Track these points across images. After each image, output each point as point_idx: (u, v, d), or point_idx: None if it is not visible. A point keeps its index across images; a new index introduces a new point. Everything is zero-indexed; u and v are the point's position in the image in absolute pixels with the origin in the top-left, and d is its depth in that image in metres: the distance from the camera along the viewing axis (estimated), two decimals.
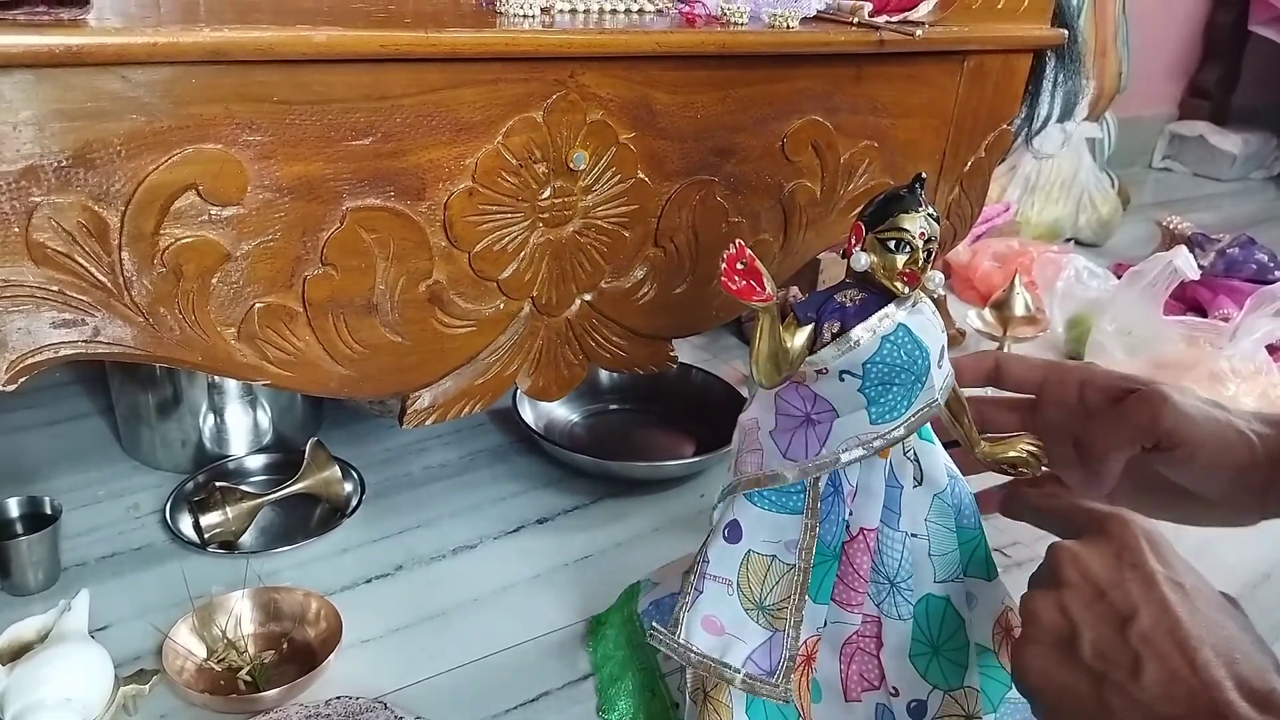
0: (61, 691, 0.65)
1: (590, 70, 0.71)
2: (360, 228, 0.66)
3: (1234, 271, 1.57)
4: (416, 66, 0.64)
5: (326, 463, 0.94)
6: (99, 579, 0.82)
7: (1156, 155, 2.64)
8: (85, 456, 1.00)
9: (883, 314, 0.53)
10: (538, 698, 0.74)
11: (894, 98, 0.88)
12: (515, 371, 0.80)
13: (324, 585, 0.82)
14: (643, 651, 0.73)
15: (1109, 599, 0.44)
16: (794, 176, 0.87)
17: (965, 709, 0.60)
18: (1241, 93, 2.67)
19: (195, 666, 0.73)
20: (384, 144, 0.65)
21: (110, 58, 0.53)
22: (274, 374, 0.68)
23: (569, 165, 0.73)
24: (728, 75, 0.78)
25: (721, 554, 0.61)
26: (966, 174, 0.99)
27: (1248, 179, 2.59)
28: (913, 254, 0.52)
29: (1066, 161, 1.87)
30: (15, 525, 0.82)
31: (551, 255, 0.76)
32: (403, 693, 0.73)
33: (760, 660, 0.60)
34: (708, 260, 0.84)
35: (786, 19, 0.79)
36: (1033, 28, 0.93)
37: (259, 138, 0.60)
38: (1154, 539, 0.47)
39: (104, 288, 0.59)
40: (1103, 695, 0.42)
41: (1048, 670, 0.45)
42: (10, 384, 0.59)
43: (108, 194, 0.57)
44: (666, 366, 0.89)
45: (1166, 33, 2.51)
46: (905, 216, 0.51)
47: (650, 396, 1.14)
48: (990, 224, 1.68)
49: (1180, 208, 2.15)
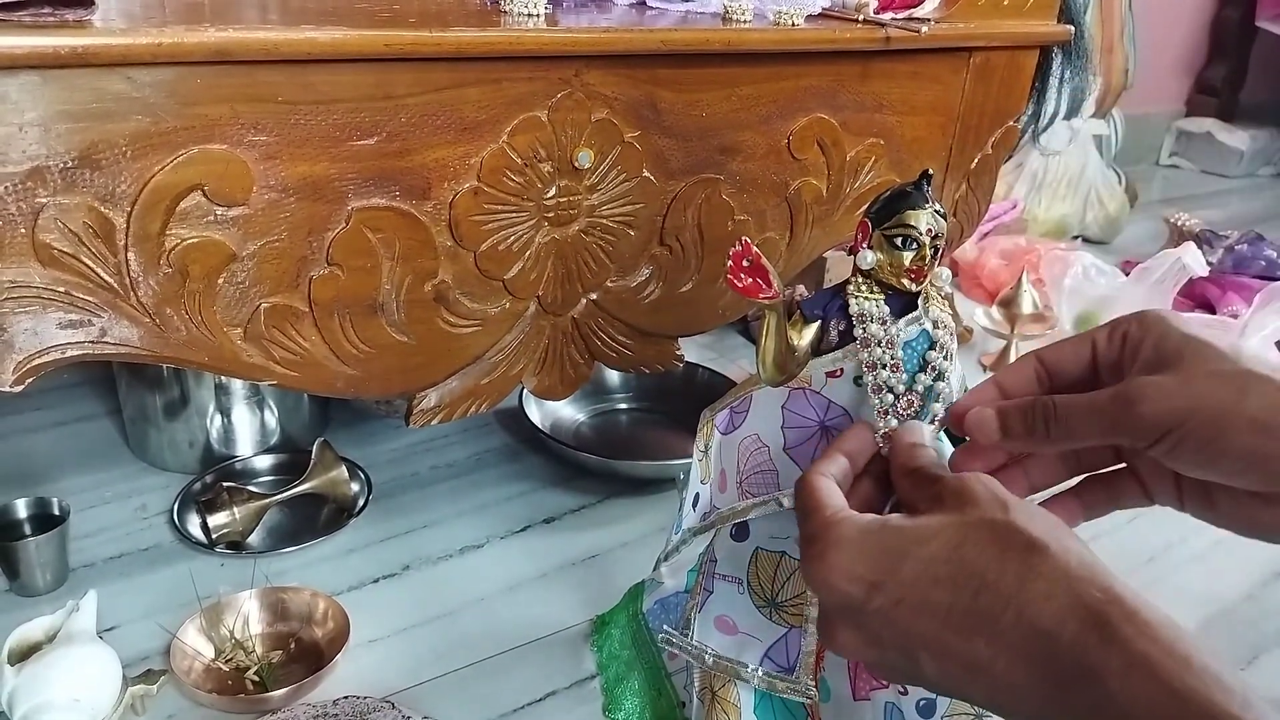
0: (70, 692, 0.65)
1: (595, 69, 0.71)
2: (366, 228, 0.66)
3: (1242, 268, 1.57)
4: (421, 66, 0.64)
5: (333, 463, 0.94)
6: (107, 580, 0.82)
7: (1164, 152, 2.64)
8: (93, 458, 1.00)
9: (910, 318, 0.52)
10: (544, 697, 0.74)
11: (900, 95, 0.88)
12: (521, 371, 0.80)
13: (331, 585, 0.82)
14: (648, 651, 0.73)
15: (891, 663, 0.41)
16: (800, 174, 0.86)
17: (974, 708, 0.59)
18: (1249, 89, 2.66)
19: (203, 667, 0.73)
20: (389, 144, 0.65)
21: (115, 58, 0.53)
22: (280, 374, 0.68)
23: (574, 164, 0.73)
24: (733, 73, 0.78)
25: (730, 553, 0.61)
26: (973, 171, 0.99)
27: (1255, 175, 2.59)
28: (920, 251, 0.51)
29: (1074, 158, 1.86)
30: (23, 526, 0.83)
31: (557, 254, 0.76)
32: (410, 692, 0.73)
33: (777, 657, 0.60)
34: (713, 258, 0.84)
35: (792, 16, 0.79)
36: (1039, 24, 0.93)
37: (264, 138, 0.60)
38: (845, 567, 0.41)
39: (110, 288, 0.59)
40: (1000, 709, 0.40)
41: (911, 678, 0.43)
42: (18, 385, 0.59)
43: (113, 195, 0.57)
44: (672, 365, 0.89)
45: (1173, 29, 2.50)
46: (912, 213, 0.51)
47: (656, 395, 1.14)
48: (997, 221, 1.68)
49: (1188, 204, 2.14)
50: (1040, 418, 0.46)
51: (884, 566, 0.40)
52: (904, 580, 0.39)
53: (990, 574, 0.38)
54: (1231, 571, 0.94)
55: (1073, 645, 0.35)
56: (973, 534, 0.39)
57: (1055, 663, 0.36)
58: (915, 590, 0.39)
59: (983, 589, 0.38)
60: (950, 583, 0.38)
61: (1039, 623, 0.36)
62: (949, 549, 0.39)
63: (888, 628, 0.40)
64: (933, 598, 0.39)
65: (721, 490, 0.63)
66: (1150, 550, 0.96)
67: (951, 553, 0.39)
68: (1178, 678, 0.34)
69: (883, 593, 0.39)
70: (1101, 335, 0.48)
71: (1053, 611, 0.36)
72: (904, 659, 0.40)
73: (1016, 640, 0.37)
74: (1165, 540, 0.98)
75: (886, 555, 0.40)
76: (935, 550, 0.39)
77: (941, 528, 0.40)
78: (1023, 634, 0.36)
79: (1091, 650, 0.35)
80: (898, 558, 0.40)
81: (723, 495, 0.62)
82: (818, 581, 0.42)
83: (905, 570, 0.39)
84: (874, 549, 0.41)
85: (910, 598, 0.39)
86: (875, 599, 0.40)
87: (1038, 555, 0.38)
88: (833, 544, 0.41)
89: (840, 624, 0.42)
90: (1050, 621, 0.36)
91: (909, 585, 0.39)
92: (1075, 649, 0.35)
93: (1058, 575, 0.37)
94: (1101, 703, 0.34)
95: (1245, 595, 0.91)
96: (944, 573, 0.39)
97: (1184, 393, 0.42)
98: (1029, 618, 0.36)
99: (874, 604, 0.40)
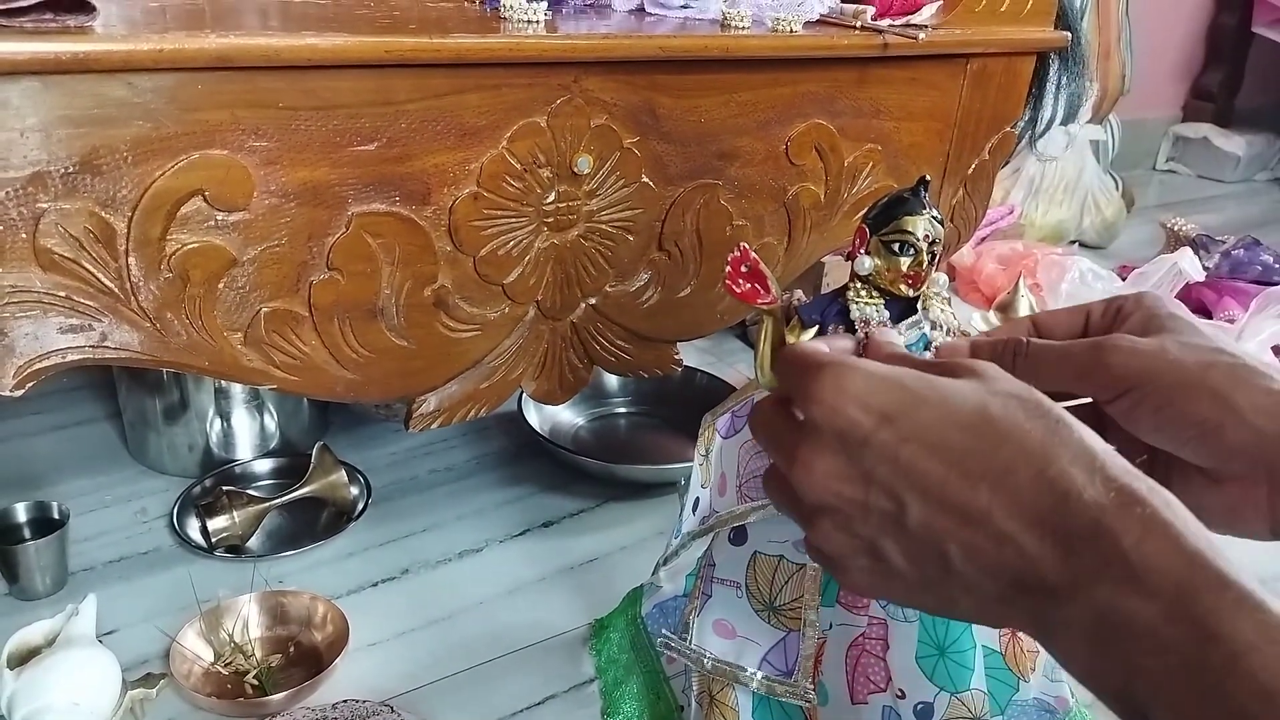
0: (69, 696, 0.65)
1: (594, 75, 0.71)
2: (366, 233, 0.66)
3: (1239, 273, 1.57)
4: (421, 72, 0.64)
5: (333, 467, 0.94)
6: (106, 583, 0.82)
7: (1160, 157, 2.64)
8: (93, 461, 1.00)
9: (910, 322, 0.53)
10: (543, 701, 0.74)
11: (897, 101, 0.89)
12: (520, 375, 0.80)
13: (330, 589, 0.82)
14: (647, 655, 0.73)
15: (872, 505, 0.39)
16: (798, 180, 0.87)
17: (972, 711, 0.60)
18: (1245, 95, 2.67)
19: (202, 670, 0.74)
20: (389, 149, 0.65)
21: (116, 64, 0.54)
22: (280, 378, 0.68)
23: (573, 170, 0.73)
24: (731, 79, 0.78)
25: (728, 557, 0.61)
26: (970, 176, 0.99)
27: (1252, 181, 2.59)
28: (917, 256, 0.51)
29: (1070, 164, 1.86)
30: (23, 530, 0.83)
31: (556, 259, 0.76)
32: (409, 696, 0.73)
33: (776, 661, 0.60)
34: (712, 264, 0.84)
35: (790, 23, 0.79)
36: (1036, 30, 0.93)
37: (265, 143, 0.61)
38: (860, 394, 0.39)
39: (111, 293, 0.59)
40: (940, 594, 0.39)
41: (877, 588, 0.42)
42: (18, 389, 0.59)
43: (114, 200, 0.57)
44: (671, 370, 0.89)
45: (1170, 35, 2.50)
46: (909, 219, 0.51)
47: (655, 400, 1.14)
48: (994, 226, 1.68)
49: (1184, 210, 2.15)
50: (1010, 353, 0.46)
51: (904, 403, 0.38)
52: (921, 421, 0.38)
53: (1016, 432, 0.37)
54: None
55: (1091, 505, 0.35)
56: (999, 399, 0.38)
57: (1067, 520, 0.35)
58: (932, 431, 0.38)
59: (1005, 443, 0.37)
60: (973, 431, 0.37)
61: (1059, 482, 0.35)
62: (975, 404, 0.38)
63: (885, 464, 0.38)
64: (950, 440, 0.37)
65: (721, 494, 0.63)
66: None
67: (978, 407, 0.38)
68: (1191, 544, 0.33)
69: (894, 427, 0.38)
70: (1097, 307, 0.49)
71: (1075, 474, 0.35)
72: (889, 501, 0.38)
73: (1029, 495, 0.36)
74: None
75: (908, 394, 0.39)
76: (960, 402, 0.38)
77: (967, 387, 0.39)
78: (1038, 490, 0.36)
79: (1109, 511, 0.34)
80: (920, 400, 0.38)
81: (722, 499, 0.62)
82: (827, 405, 0.39)
83: (924, 413, 0.38)
84: (896, 385, 0.39)
85: (925, 437, 0.38)
86: (883, 432, 0.38)
87: (1066, 428, 0.37)
88: (851, 370, 0.39)
89: (829, 450, 0.40)
90: (1070, 483, 0.35)
91: (926, 426, 0.38)
92: (1094, 508, 0.34)
93: (1084, 448, 0.36)
94: (1111, 559, 0.34)
95: None
96: (967, 421, 0.37)
97: (1153, 354, 0.43)
98: (1050, 476, 0.36)
99: (880, 436, 0.38)
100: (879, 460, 0.38)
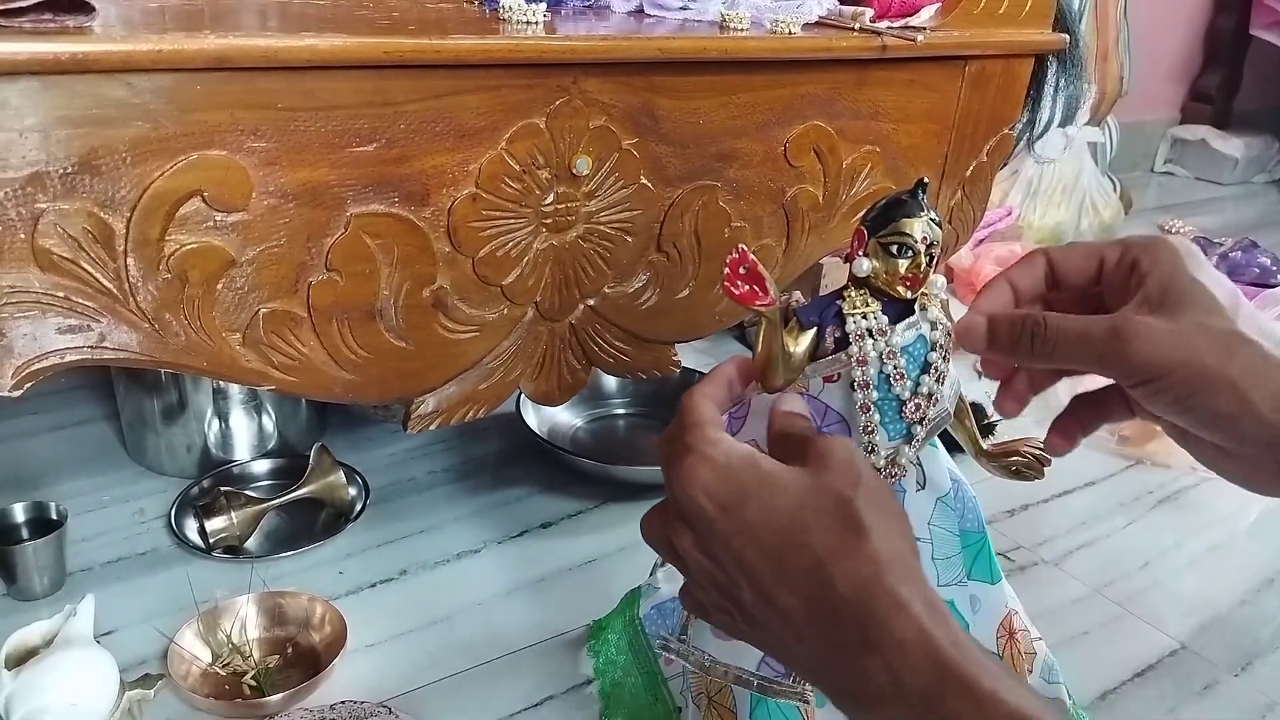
0: (67, 696, 0.65)
1: (593, 76, 0.71)
2: (364, 233, 0.66)
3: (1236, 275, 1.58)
4: (420, 73, 0.64)
5: (331, 468, 0.94)
6: (104, 584, 0.82)
7: (1158, 159, 2.65)
8: (91, 462, 1.00)
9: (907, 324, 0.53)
10: (541, 702, 0.74)
11: (896, 103, 0.89)
12: (519, 376, 0.80)
13: (329, 590, 0.82)
14: (645, 656, 0.73)
15: (718, 580, 0.45)
16: (796, 181, 0.87)
17: None
18: (1243, 97, 2.67)
19: (200, 671, 0.73)
20: (388, 150, 0.65)
21: (115, 65, 0.54)
22: (278, 379, 0.68)
23: (572, 171, 0.73)
24: (730, 81, 0.78)
25: None
26: (968, 178, 0.99)
27: (1250, 183, 2.60)
28: (915, 259, 0.51)
29: (1068, 166, 1.87)
30: (21, 530, 0.83)
31: (554, 260, 0.76)
32: (407, 697, 0.73)
33: (774, 662, 0.60)
34: (710, 265, 0.84)
35: (788, 25, 0.79)
36: (1034, 33, 0.93)
37: (264, 144, 0.61)
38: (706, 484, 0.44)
39: (109, 293, 0.59)
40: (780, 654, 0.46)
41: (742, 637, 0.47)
42: (16, 389, 0.59)
43: (113, 200, 0.57)
44: (669, 371, 0.89)
45: (1168, 37, 2.51)
46: (908, 221, 0.51)
47: (653, 401, 1.14)
48: (992, 228, 1.68)
49: (1182, 212, 2.15)
50: (1029, 333, 0.48)
51: (736, 498, 0.44)
52: (747, 518, 0.43)
53: (815, 541, 0.42)
54: (1226, 577, 0.94)
55: (855, 615, 0.40)
56: (815, 500, 0.43)
57: (839, 627, 0.41)
58: (752, 529, 0.43)
59: (803, 548, 0.42)
60: (780, 534, 0.43)
61: (837, 592, 0.41)
62: (792, 507, 0.43)
63: (723, 550, 0.44)
64: (764, 540, 0.43)
65: None
66: (1145, 555, 0.96)
67: (794, 511, 0.43)
68: (946, 654, 0.39)
69: (729, 518, 0.44)
70: (1112, 255, 0.49)
71: (849, 587, 0.41)
72: (729, 581, 0.44)
73: (817, 600, 0.42)
74: (1160, 546, 0.98)
75: (741, 490, 0.44)
76: (781, 503, 0.43)
77: (794, 485, 0.44)
78: (823, 595, 0.41)
79: (874, 617, 0.40)
80: (748, 496, 0.44)
81: None
82: (680, 488, 0.45)
83: (751, 510, 0.43)
84: (734, 480, 0.44)
85: (751, 532, 0.43)
86: (721, 521, 0.44)
87: (861, 538, 0.42)
88: (703, 460, 0.45)
89: (686, 528, 0.46)
90: (845, 594, 0.41)
91: (750, 523, 0.43)
92: (861, 614, 0.40)
93: (867, 558, 0.41)
94: (873, 669, 0.40)
95: (1239, 600, 0.91)
96: (780, 523, 0.43)
97: (1174, 343, 0.45)
98: (829, 584, 0.41)
99: (719, 525, 0.44)
100: (719, 545, 0.44)
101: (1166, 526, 1.02)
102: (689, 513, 0.45)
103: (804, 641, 0.43)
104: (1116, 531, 1.01)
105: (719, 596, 0.46)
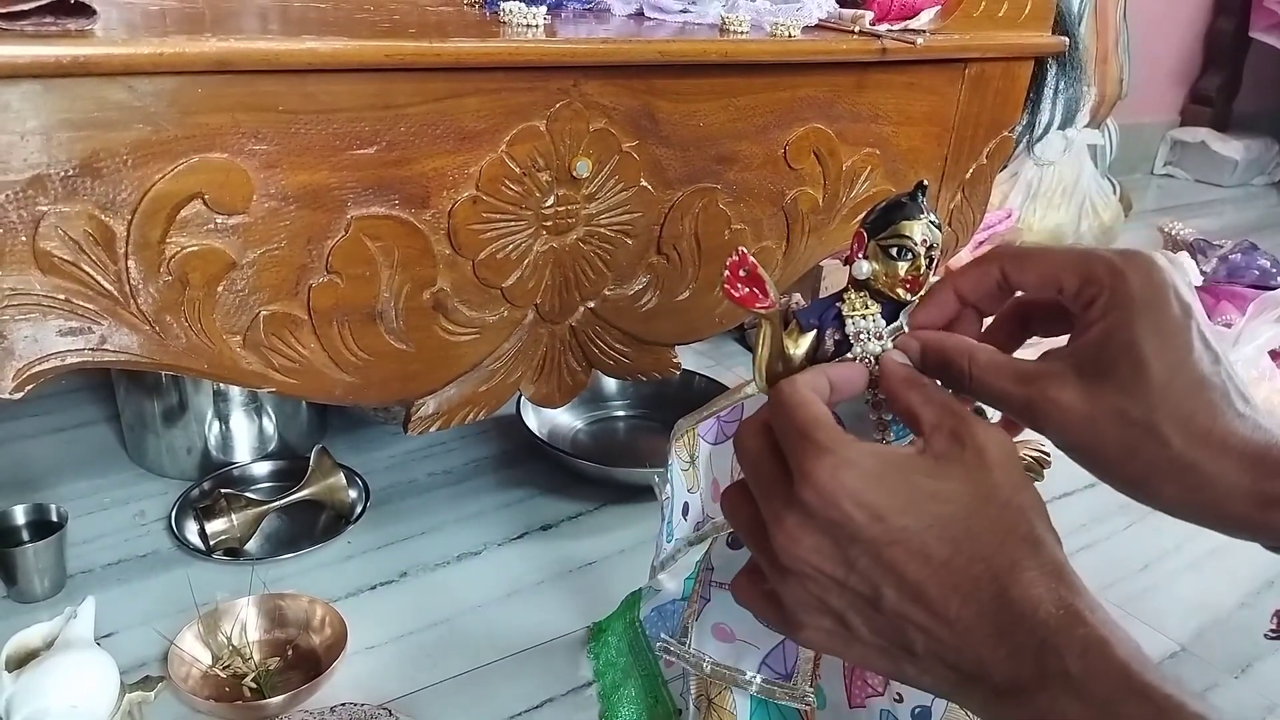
0: (67, 698, 0.65)
1: (593, 79, 0.71)
2: (365, 236, 0.67)
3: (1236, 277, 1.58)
4: (421, 76, 0.64)
5: (331, 469, 0.94)
6: (105, 586, 0.82)
7: (1158, 161, 2.65)
8: (91, 464, 1.00)
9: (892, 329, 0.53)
10: (541, 704, 0.74)
11: (895, 105, 0.89)
12: (519, 378, 0.80)
13: (329, 592, 0.82)
14: (645, 658, 0.73)
15: (849, 586, 0.42)
16: (796, 184, 0.87)
17: (970, 715, 0.60)
18: (1243, 99, 2.68)
19: (200, 673, 0.74)
20: (389, 153, 0.65)
21: (116, 68, 0.54)
22: (279, 381, 0.68)
23: (572, 173, 0.73)
24: (730, 84, 0.78)
25: (727, 561, 0.61)
26: (968, 181, 0.99)
27: (1249, 185, 2.60)
28: (915, 261, 0.51)
29: (1068, 168, 1.87)
30: (21, 532, 0.83)
31: (555, 263, 0.76)
32: (407, 699, 0.73)
33: (775, 664, 0.60)
34: (710, 267, 0.84)
35: (788, 28, 0.80)
36: (1034, 35, 0.93)
37: (264, 147, 0.61)
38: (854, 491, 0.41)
39: (110, 296, 0.59)
40: (897, 665, 0.43)
41: (832, 649, 0.45)
42: (17, 392, 0.59)
43: (114, 203, 0.57)
44: (669, 373, 0.89)
45: (1168, 39, 2.51)
46: (908, 223, 0.51)
47: (653, 403, 1.14)
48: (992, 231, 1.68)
49: (1182, 214, 2.15)
50: (955, 373, 0.47)
51: (895, 505, 0.41)
52: (909, 526, 0.40)
53: (991, 554, 0.40)
54: (1225, 579, 0.94)
55: (1041, 625, 0.39)
56: (984, 510, 0.41)
57: (1020, 636, 0.39)
58: (917, 539, 0.40)
59: (978, 560, 0.40)
60: (953, 544, 0.40)
61: (1019, 604, 0.39)
62: (963, 517, 0.41)
63: (869, 557, 0.41)
64: (933, 550, 0.40)
65: (715, 499, 0.63)
66: (1144, 558, 0.96)
67: (964, 521, 0.41)
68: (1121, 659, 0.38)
69: (883, 526, 0.40)
70: (1070, 284, 0.46)
71: (1034, 594, 0.39)
72: (867, 586, 0.41)
73: (991, 611, 0.40)
74: (1160, 548, 0.98)
75: (899, 495, 0.41)
76: (949, 512, 0.41)
77: (958, 495, 0.41)
78: (1000, 607, 0.39)
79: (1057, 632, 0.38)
80: (911, 502, 0.41)
81: (715, 504, 0.62)
82: (823, 494, 0.41)
83: (913, 517, 0.40)
84: (891, 485, 0.41)
85: (910, 543, 0.40)
86: (873, 529, 0.40)
87: (1036, 550, 0.40)
88: (847, 464, 0.41)
89: (817, 531, 0.42)
90: (1026, 605, 0.39)
91: (913, 532, 0.40)
92: (1043, 628, 0.39)
93: (1047, 570, 0.40)
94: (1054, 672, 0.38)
95: (1239, 603, 0.91)
96: (950, 534, 0.40)
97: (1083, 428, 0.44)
98: (1012, 596, 0.39)
99: (870, 533, 0.40)
100: (864, 553, 0.41)
101: (1166, 529, 1.02)
102: (829, 518, 0.41)
103: (966, 640, 0.40)
104: (1116, 534, 1.01)
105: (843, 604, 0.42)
